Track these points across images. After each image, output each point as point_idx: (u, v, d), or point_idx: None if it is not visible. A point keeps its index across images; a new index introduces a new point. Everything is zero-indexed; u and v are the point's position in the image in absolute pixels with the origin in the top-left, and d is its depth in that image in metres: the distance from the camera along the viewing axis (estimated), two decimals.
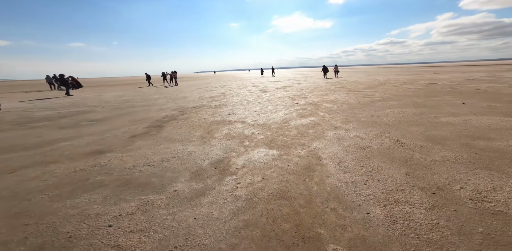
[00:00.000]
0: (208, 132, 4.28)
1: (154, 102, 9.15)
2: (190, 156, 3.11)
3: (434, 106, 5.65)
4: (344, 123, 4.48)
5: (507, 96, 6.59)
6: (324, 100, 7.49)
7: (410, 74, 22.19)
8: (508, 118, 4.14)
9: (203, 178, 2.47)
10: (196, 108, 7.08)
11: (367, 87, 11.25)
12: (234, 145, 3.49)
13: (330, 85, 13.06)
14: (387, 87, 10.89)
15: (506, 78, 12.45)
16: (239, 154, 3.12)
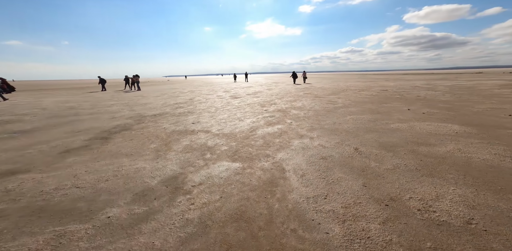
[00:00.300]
0: (166, 144, 3.89)
1: (107, 109, 8.20)
2: (138, 173, 2.73)
3: (386, 113, 6.16)
4: (309, 131, 4.53)
5: (442, 103, 7.57)
6: (292, 107, 7.62)
7: (366, 81, 24.43)
8: (444, 124, 4.68)
9: (149, 200, 2.15)
10: (156, 116, 6.51)
11: (331, 93, 11.92)
12: (193, 158, 3.20)
13: (299, 91, 13.51)
14: (348, 93, 11.68)
15: (440, 86, 14.50)
16: (198, 169, 2.86)
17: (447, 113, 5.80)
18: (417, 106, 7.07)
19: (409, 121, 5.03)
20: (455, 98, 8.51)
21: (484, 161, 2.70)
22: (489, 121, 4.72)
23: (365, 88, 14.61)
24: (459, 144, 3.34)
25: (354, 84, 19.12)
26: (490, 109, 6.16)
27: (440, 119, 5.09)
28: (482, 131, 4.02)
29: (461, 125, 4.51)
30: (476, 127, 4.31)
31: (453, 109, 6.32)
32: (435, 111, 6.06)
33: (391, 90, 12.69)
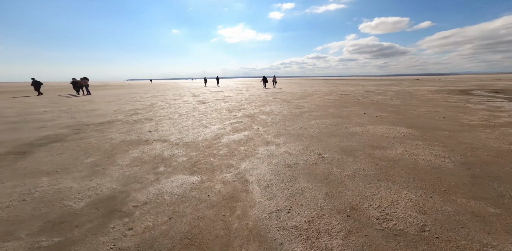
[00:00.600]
0: (109, 157, 3.34)
1: (37, 117, 6.97)
2: (58, 195, 2.23)
3: (346, 117, 6.51)
4: (276, 137, 4.44)
5: (390, 107, 8.40)
6: (260, 112, 7.53)
7: (330, 86, 26.17)
8: (393, 127, 5.10)
9: (68, 228, 1.73)
10: (103, 125, 5.71)
11: (299, 97, 12.29)
12: (142, 173, 2.78)
13: (269, 96, 13.61)
14: (313, 98, 12.20)
15: (388, 91, 16.29)
16: (146, 185, 2.47)
17: (395, 116, 6.40)
18: (371, 110, 7.68)
19: (365, 125, 5.36)
20: (400, 102, 9.56)
21: (428, 163, 2.92)
22: (428, 124, 5.32)
23: (328, 93, 15.53)
24: (407, 147, 3.61)
25: (319, 89, 20.25)
26: (428, 112, 7.02)
27: (390, 122, 5.55)
28: (424, 133, 4.46)
29: (407, 127, 4.97)
30: (419, 129, 4.79)
31: (399, 112, 7.02)
32: (386, 115, 6.64)
33: (350, 95, 13.73)
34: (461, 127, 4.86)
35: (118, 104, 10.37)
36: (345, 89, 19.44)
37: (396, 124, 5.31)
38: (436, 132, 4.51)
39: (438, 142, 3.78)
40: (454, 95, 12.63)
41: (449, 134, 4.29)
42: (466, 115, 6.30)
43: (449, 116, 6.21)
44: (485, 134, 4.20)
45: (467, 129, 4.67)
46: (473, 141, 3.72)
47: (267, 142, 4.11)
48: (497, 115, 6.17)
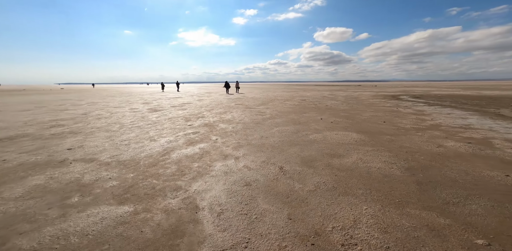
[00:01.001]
0: None
1: None
2: None
3: (305, 123, 6.65)
4: (236, 149, 4.08)
5: (342, 112, 9.08)
6: (221, 120, 7.07)
7: (290, 91, 27.39)
8: (346, 132, 5.38)
9: None
10: (0, 142, 4.40)
11: (261, 103, 12.27)
12: (40, 207, 2.09)
13: (231, 102, 13.21)
14: (275, 103, 12.36)
15: (339, 97, 17.94)
16: (41, 225, 1.81)
17: (346, 121, 6.85)
18: (327, 115, 8.10)
19: (322, 131, 5.51)
20: (349, 107, 10.48)
21: (380, 170, 3.02)
22: (373, 128, 5.81)
23: (289, 98, 16.08)
24: (360, 154, 3.74)
25: (281, 94, 20.90)
26: (371, 116, 7.79)
27: (343, 128, 5.87)
28: (371, 138, 4.79)
29: (357, 132, 5.29)
30: (367, 134, 5.14)
31: (349, 117, 7.59)
32: (339, 120, 7.06)
33: (308, 100, 14.49)
34: (399, 130, 5.44)
35: (34, 113, 8.41)
36: (304, 95, 20.59)
37: (348, 130, 5.62)
38: (381, 136, 4.89)
39: (384, 147, 4.05)
40: (388, 100, 14.61)
41: (391, 138, 4.70)
42: (400, 119, 7.18)
43: (388, 120, 6.97)
44: (417, 137, 4.75)
45: (403, 132, 5.23)
46: (411, 145, 4.11)
47: (225, 156, 3.72)
48: (422, 118, 7.23)
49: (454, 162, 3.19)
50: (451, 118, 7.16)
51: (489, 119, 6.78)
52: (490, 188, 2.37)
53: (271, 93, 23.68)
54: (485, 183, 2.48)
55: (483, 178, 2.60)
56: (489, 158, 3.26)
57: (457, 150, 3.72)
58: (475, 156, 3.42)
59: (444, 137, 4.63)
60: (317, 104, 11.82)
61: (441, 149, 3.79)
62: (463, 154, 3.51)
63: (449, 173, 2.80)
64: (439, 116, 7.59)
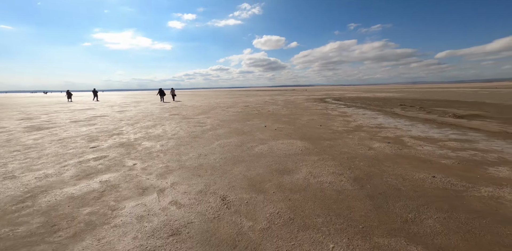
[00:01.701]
0: None
1: None
2: None
3: (250, 132, 6.20)
4: (162, 177, 3.09)
5: (283, 117, 9.28)
6: (146, 136, 5.67)
7: (233, 97, 27.04)
8: (291, 141, 5.24)
9: None
10: None
11: (202, 112, 11.14)
12: None
13: (165, 112, 11.41)
14: (217, 111, 11.51)
15: (279, 101, 18.93)
16: None
17: (289, 127, 6.88)
18: (270, 121, 8.00)
19: (268, 141, 5.17)
20: (289, 112, 10.95)
21: (331, 186, 2.80)
22: (313, 133, 5.97)
23: (232, 105, 15.56)
24: (308, 166, 3.52)
25: (224, 101, 20.16)
26: (309, 120, 8.24)
27: (287, 135, 5.76)
28: (314, 145, 4.78)
29: (301, 140, 5.24)
30: (309, 140, 5.15)
31: (291, 123, 7.73)
32: (282, 126, 7.02)
33: (251, 106, 14.41)
34: (334, 134, 5.77)
35: None
36: (247, 100, 20.63)
37: (292, 137, 5.53)
38: (322, 142, 4.97)
39: (327, 155, 4.01)
40: (318, 103, 16.43)
41: (330, 143, 4.83)
42: (332, 121, 7.85)
43: (323, 123, 7.47)
44: (350, 140, 5.10)
45: (338, 136, 5.55)
46: (348, 150, 4.27)
47: (144, 189, 2.70)
48: (347, 120, 8.16)
49: (387, 165, 3.36)
50: (367, 118, 8.39)
51: (391, 118, 8.31)
52: (429, 194, 2.46)
53: (213, 100, 22.64)
54: (422, 189, 2.58)
55: (417, 182, 2.74)
56: (410, 158, 3.65)
57: (384, 152, 4.06)
58: (398, 156, 3.77)
59: (369, 139, 5.12)
60: (260, 110, 11.80)
61: (372, 152, 4.05)
62: (389, 155, 3.83)
63: (390, 180, 2.85)
64: (358, 117, 8.79)
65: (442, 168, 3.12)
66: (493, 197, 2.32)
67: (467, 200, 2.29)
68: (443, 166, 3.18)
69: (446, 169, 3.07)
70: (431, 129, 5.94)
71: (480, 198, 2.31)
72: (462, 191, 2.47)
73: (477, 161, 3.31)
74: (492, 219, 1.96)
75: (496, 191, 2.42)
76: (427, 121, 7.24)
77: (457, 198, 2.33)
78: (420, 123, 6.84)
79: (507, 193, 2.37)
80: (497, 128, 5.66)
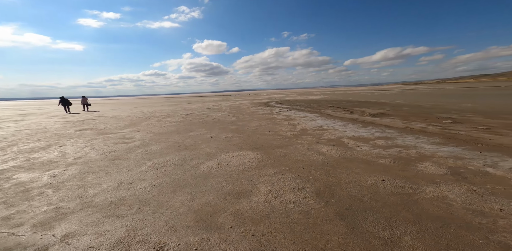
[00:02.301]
0: None
1: None
2: None
3: (193, 146, 5.31)
4: (45, 227, 1.97)
5: (231, 124, 8.76)
6: (26, 164, 3.88)
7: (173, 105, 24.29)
8: (241, 152, 4.73)
9: None
10: None
11: (130, 124, 9.11)
12: None
13: (69, 127, 8.67)
14: (151, 122, 9.72)
15: (224, 107, 18.31)
16: None
17: (238, 136, 6.41)
18: (216, 131, 7.28)
19: (216, 155, 4.49)
20: (236, 118, 10.53)
21: (296, 207, 2.43)
22: (264, 141, 5.71)
23: (171, 113, 13.73)
24: (266, 183, 3.10)
25: (161, 109, 17.67)
26: (257, 126, 8.05)
27: (237, 146, 5.24)
28: (267, 155, 4.45)
29: (252, 150, 4.83)
30: (261, 150, 4.81)
31: (239, 130, 7.29)
32: (230, 135, 6.47)
33: (194, 114, 13.12)
34: (284, 140, 5.70)
35: None
36: (189, 108, 18.91)
37: (243, 147, 5.06)
38: (274, 151, 4.73)
39: (283, 166, 3.74)
40: (263, 107, 16.86)
41: (283, 151, 4.65)
42: (279, 126, 7.94)
43: (271, 129, 7.41)
44: (300, 145, 5.10)
45: (288, 142, 5.49)
46: (301, 158, 4.16)
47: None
48: (292, 123, 8.47)
49: (341, 172, 3.36)
50: (308, 120, 8.99)
51: (327, 119, 9.22)
52: (389, 202, 2.45)
53: (147, 108, 19.63)
54: (380, 196, 2.57)
55: (373, 189, 2.76)
56: (355, 161, 3.83)
57: (333, 156, 4.16)
58: (346, 160, 3.91)
59: (316, 142, 5.29)
60: (204, 118, 10.83)
61: (323, 158, 4.07)
62: (339, 160, 3.92)
63: (349, 189, 2.77)
64: (301, 120, 9.33)
65: (384, 169, 3.36)
66: (439, 198, 2.45)
67: (423, 205, 2.32)
68: (384, 167, 3.44)
69: (388, 171, 3.30)
70: (359, 128, 6.82)
71: (431, 201, 2.40)
72: (412, 194, 2.60)
73: (405, 158, 3.79)
74: (456, 226, 1.97)
75: (438, 190, 2.62)
76: (353, 120, 8.38)
77: (414, 204, 2.37)
78: (350, 123, 7.81)
79: (446, 191, 2.62)
80: (401, 125, 7.09)
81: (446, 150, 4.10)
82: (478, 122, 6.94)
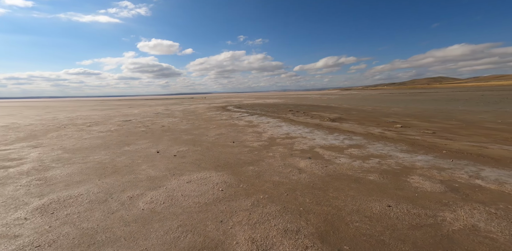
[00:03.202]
0: None
1: None
2: None
3: (128, 167, 3.84)
4: None
5: (184, 134, 7.33)
6: None
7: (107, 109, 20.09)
8: (201, 174, 3.63)
9: None
10: None
11: (27, 136, 6.46)
12: None
13: None
14: (66, 132, 7.23)
15: (176, 112, 16.20)
16: None
17: (194, 149, 5.19)
18: (165, 143, 5.82)
19: (164, 181, 3.25)
20: (191, 126, 9.09)
21: None
22: (228, 155, 4.70)
23: (101, 120, 10.94)
24: (243, 225, 2.16)
25: (87, 115, 14.11)
26: (218, 135, 6.96)
27: (194, 164, 4.07)
28: (236, 176, 3.48)
29: (215, 170, 3.77)
30: (227, 169, 3.78)
31: (196, 142, 6.05)
32: (185, 149, 5.18)
33: (136, 120, 10.83)
34: (252, 153, 4.85)
35: None
36: (129, 113, 15.89)
37: (202, 166, 3.95)
38: (243, 169, 3.81)
39: (261, 193, 2.88)
40: (221, 111, 15.70)
41: (254, 169, 3.78)
42: (243, 134, 7.07)
43: (235, 138, 6.47)
44: (273, 160, 4.32)
45: (257, 156, 4.64)
46: (280, 178, 3.38)
47: None
48: (257, 131, 7.75)
49: (335, 197, 2.75)
50: (273, 127, 8.47)
51: (291, 125, 8.93)
52: (421, 243, 1.87)
53: (65, 114, 15.53)
54: (403, 233, 1.99)
55: (385, 221, 2.20)
56: (342, 179, 3.30)
57: (314, 173, 3.57)
58: (332, 178, 3.37)
59: (290, 155, 4.67)
60: (149, 126, 8.93)
61: (305, 177, 3.42)
62: (324, 178, 3.35)
63: (358, 225, 2.14)
64: (265, 126, 8.74)
65: (379, 189, 2.91)
66: (471, 229, 2.01)
67: (463, 244, 1.86)
68: (378, 186, 2.98)
69: (384, 191, 2.82)
70: (327, 135, 6.67)
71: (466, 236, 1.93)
72: (436, 225, 2.09)
73: (390, 172, 3.47)
74: None
75: (460, 217, 2.19)
76: (317, 126, 8.35)
77: (450, 242, 1.84)
78: (315, 129, 7.67)
79: (468, 217, 2.16)
80: (362, 130, 7.39)
81: (421, 159, 4.10)
82: (419, 126, 7.88)
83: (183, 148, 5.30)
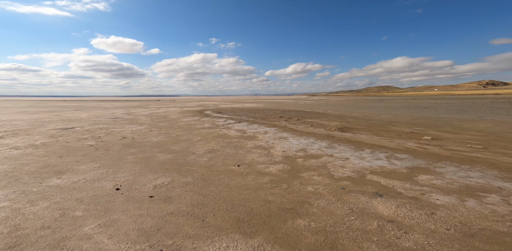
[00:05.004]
0: None
1: None
2: None
3: (43, 239, 1.85)
4: None
5: (158, 151, 5.26)
6: None
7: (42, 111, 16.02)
8: (222, 244, 1.89)
9: None
10: None
11: None
12: None
13: None
14: None
15: (142, 117, 13.48)
16: None
17: (183, 181, 3.32)
18: (129, 169, 3.77)
19: None
20: (165, 137, 6.97)
21: None
22: (248, 197, 2.97)
23: (26, 128, 7.96)
24: None
25: (6, 119, 10.56)
26: (209, 153, 5.11)
27: (194, 220, 2.25)
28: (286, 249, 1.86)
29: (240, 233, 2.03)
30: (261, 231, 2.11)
31: (180, 165, 4.12)
32: (166, 182, 3.26)
33: (81, 128, 8.14)
34: (280, 188, 3.22)
35: None
36: (73, 117, 12.64)
37: (210, 223, 2.16)
38: (288, 227, 2.16)
39: None
40: (200, 117, 13.52)
41: (310, 226, 2.16)
42: (245, 152, 5.34)
43: (236, 158, 4.73)
44: (324, 201, 2.77)
45: (291, 193, 3.05)
46: (379, 249, 1.84)
47: None
48: (260, 145, 6.07)
49: None
50: (276, 139, 6.93)
51: (298, 137, 7.49)
52: None
53: None
54: None
55: None
56: (499, 243, 1.90)
57: (431, 229, 2.11)
58: (480, 241, 1.93)
59: (339, 188, 3.17)
60: (101, 138, 6.54)
61: (421, 240, 1.92)
62: (465, 241, 1.89)
63: None
64: (264, 137, 7.15)
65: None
66: None
67: None
68: None
69: None
70: (357, 151, 5.38)
71: None
72: None
73: None
74: None
75: None
76: (331, 138, 7.10)
77: None
78: (333, 143, 6.37)
79: None
80: (391, 143, 6.38)
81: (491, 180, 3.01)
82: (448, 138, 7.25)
83: (164, 179, 3.37)
